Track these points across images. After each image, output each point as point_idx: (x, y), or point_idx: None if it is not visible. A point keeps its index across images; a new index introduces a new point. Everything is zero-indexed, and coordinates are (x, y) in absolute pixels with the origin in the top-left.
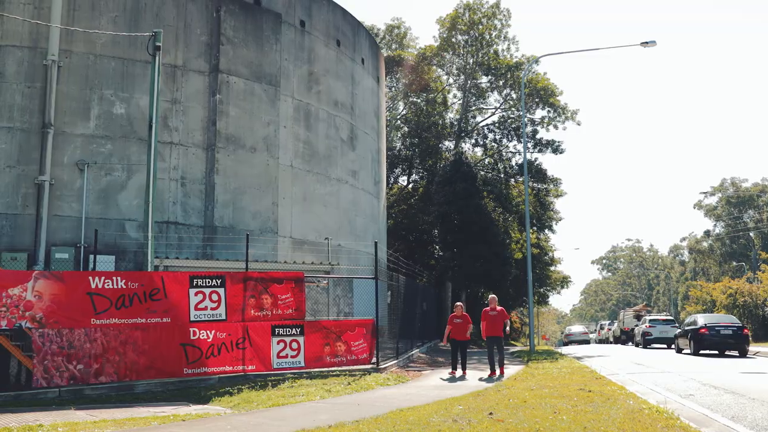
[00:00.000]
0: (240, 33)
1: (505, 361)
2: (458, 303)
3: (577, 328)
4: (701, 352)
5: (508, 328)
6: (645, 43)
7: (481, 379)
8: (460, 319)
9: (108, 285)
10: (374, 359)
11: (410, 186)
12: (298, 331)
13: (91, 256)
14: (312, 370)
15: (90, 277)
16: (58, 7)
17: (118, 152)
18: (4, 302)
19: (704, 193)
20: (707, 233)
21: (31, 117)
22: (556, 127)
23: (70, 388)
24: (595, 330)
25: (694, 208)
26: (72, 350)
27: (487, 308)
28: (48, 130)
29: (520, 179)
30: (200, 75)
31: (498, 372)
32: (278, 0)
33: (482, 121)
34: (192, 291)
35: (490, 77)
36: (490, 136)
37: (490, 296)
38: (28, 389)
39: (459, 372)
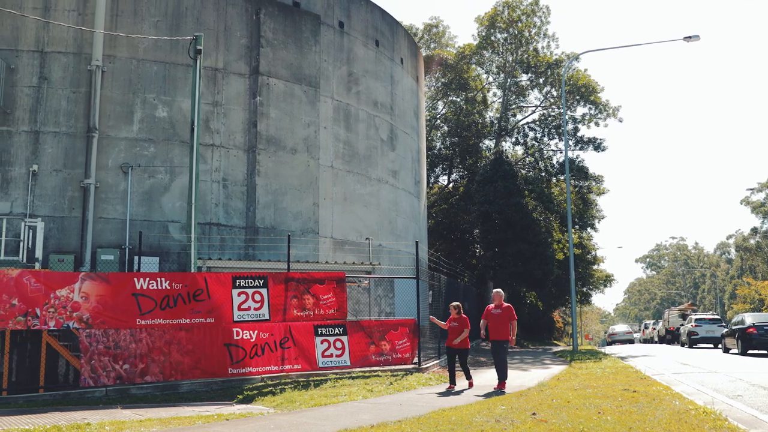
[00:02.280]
0: (279, 35)
1: (529, 366)
2: (454, 303)
3: (620, 328)
4: (749, 352)
5: (514, 334)
6: (688, 38)
7: (483, 394)
8: (456, 323)
9: (152, 286)
10: (416, 359)
11: (450, 185)
12: (341, 330)
13: (136, 258)
14: (354, 370)
15: (135, 279)
16: (102, 13)
17: (160, 155)
18: (53, 303)
19: (751, 189)
20: (755, 230)
21: (76, 122)
22: (597, 124)
23: (117, 387)
24: (640, 329)
25: (741, 204)
26: (118, 350)
27: (490, 305)
28: (93, 134)
29: (562, 177)
30: (241, 77)
31: (498, 384)
32: (317, 1)
33: (522, 119)
34: (235, 291)
35: (530, 75)
36: (531, 134)
37: (494, 291)
38: (76, 388)
39: (459, 385)
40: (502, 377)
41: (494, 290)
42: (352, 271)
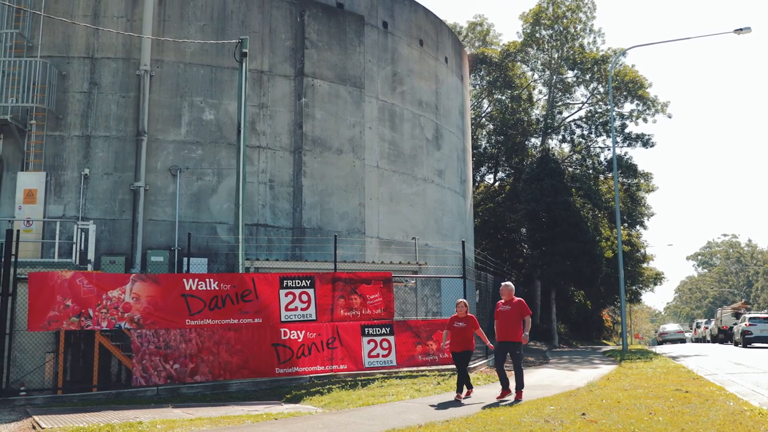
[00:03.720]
0: (324, 36)
1: (578, 366)
2: (461, 300)
3: (671, 327)
4: None
5: (527, 330)
6: (739, 30)
7: (484, 406)
8: (461, 323)
9: (201, 287)
10: None
11: (497, 184)
12: (387, 330)
13: (185, 259)
14: (400, 370)
15: (184, 279)
16: (149, 18)
17: (208, 157)
18: (105, 304)
19: None
20: None
21: (126, 126)
22: (645, 120)
23: (167, 386)
24: (691, 329)
25: None
26: (168, 350)
27: (500, 301)
28: (142, 137)
29: (610, 175)
30: (286, 79)
31: (513, 394)
32: (361, 2)
33: (569, 116)
34: (282, 292)
35: (576, 72)
36: (578, 131)
37: (502, 284)
38: (128, 387)
39: (464, 394)
40: (518, 384)
41: (503, 283)
42: (398, 271)
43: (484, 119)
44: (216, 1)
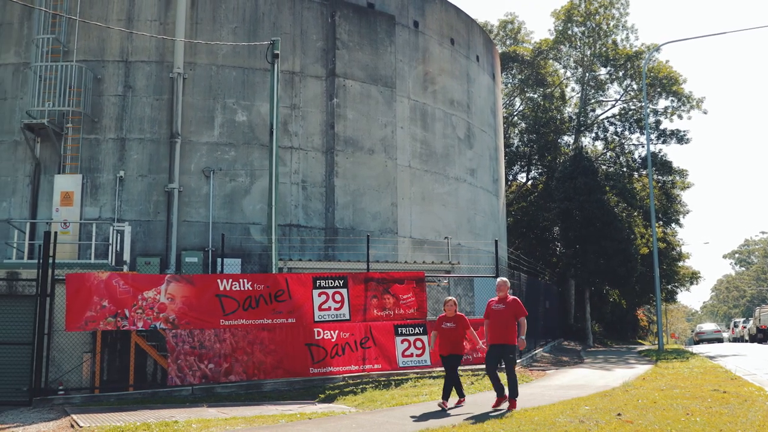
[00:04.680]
0: (355, 36)
1: (613, 366)
2: (449, 298)
3: (708, 326)
4: None
5: (523, 333)
6: None
7: (472, 417)
8: (451, 323)
9: (235, 287)
10: None
11: (529, 183)
12: (420, 330)
13: (219, 259)
14: (434, 369)
15: (218, 280)
16: (182, 21)
17: (241, 158)
18: (140, 305)
19: None
20: None
21: (159, 128)
22: (680, 116)
23: (202, 386)
24: (729, 328)
25: None
26: (203, 350)
27: (493, 299)
28: (175, 139)
29: (644, 172)
30: (317, 80)
31: (505, 403)
32: (391, 2)
33: (602, 114)
34: (315, 292)
35: (609, 68)
36: (611, 129)
37: (498, 279)
38: (163, 387)
39: (452, 402)
40: (511, 392)
41: (498, 279)
42: (431, 270)
43: (516, 118)
44: (247, 4)
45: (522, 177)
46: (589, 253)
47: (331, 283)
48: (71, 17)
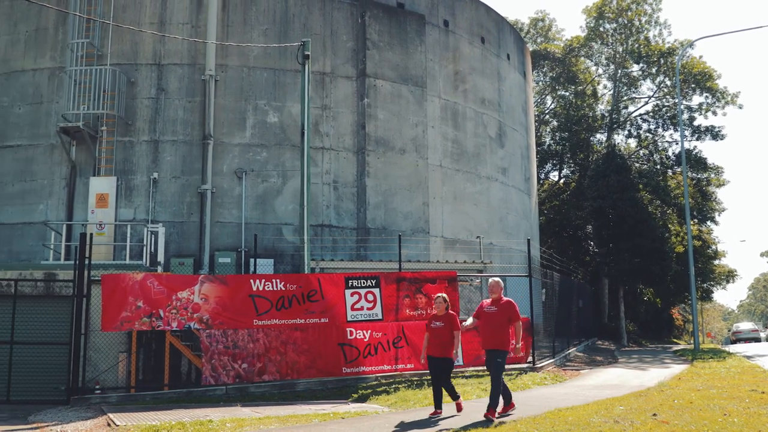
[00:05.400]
0: (385, 36)
1: (648, 365)
2: (439, 295)
3: (745, 325)
4: None
5: (519, 340)
6: None
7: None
8: (440, 322)
9: (268, 287)
10: (530, 358)
11: (561, 181)
12: None
13: (251, 260)
14: (467, 369)
15: (251, 280)
16: (213, 24)
17: (273, 159)
18: (174, 305)
19: None
20: None
21: (192, 130)
22: (714, 113)
23: (236, 386)
24: (766, 327)
25: None
26: (237, 350)
27: (485, 300)
28: (208, 141)
29: (678, 170)
30: (348, 80)
31: (513, 410)
32: (421, 1)
33: (635, 111)
34: (348, 292)
35: (641, 65)
36: (644, 126)
37: (490, 281)
38: (197, 386)
39: (447, 411)
40: (493, 403)
41: (491, 279)
42: (463, 270)
43: (547, 116)
44: (278, 5)
45: (554, 175)
46: (623, 251)
47: (364, 283)
48: (105, 21)
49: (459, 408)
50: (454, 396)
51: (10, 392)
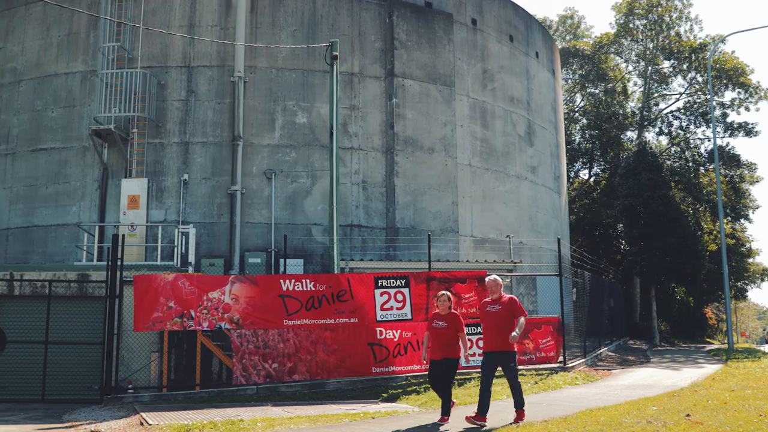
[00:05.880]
0: (413, 36)
1: (681, 365)
2: (443, 293)
3: None
4: None
5: (522, 330)
6: None
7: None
8: (442, 322)
9: (298, 287)
10: (561, 358)
11: (592, 180)
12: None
13: (281, 260)
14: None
15: (281, 280)
16: (242, 26)
17: (302, 160)
18: (205, 305)
19: None
20: None
21: (222, 131)
22: (747, 108)
23: (266, 385)
24: None
25: None
26: (267, 350)
27: (486, 300)
28: (237, 142)
29: (711, 167)
30: (376, 80)
31: (522, 413)
32: (449, 0)
33: (666, 108)
34: (377, 291)
35: (672, 61)
36: (676, 123)
37: (487, 279)
38: (228, 386)
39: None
40: (516, 402)
41: (488, 278)
42: (492, 269)
43: (577, 114)
44: (306, 7)
45: (584, 174)
46: (655, 250)
47: (393, 283)
48: (135, 25)
49: (444, 420)
50: (447, 405)
51: (45, 391)
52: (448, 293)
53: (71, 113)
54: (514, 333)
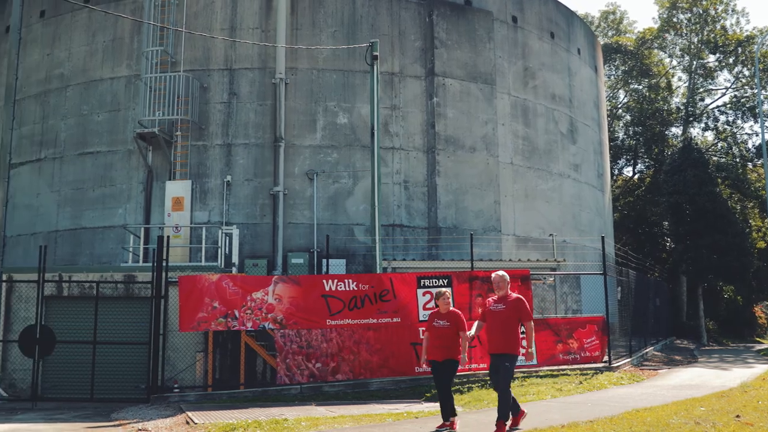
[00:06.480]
0: (453, 35)
1: (729, 365)
2: (442, 290)
3: None
4: None
5: (531, 339)
6: None
7: None
8: (443, 321)
9: (340, 287)
10: (606, 357)
11: (636, 177)
12: None
13: (324, 260)
14: (541, 369)
15: (324, 280)
16: (283, 28)
17: (343, 160)
18: (249, 305)
19: None
20: None
21: (264, 133)
22: None
23: (310, 385)
24: None
25: None
26: (310, 349)
27: (490, 298)
28: (279, 143)
29: (759, 162)
30: (416, 80)
31: (524, 419)
32: None
33: (711, 103)
34: (420, 291)
35: (718, 55)
36: (722, 118)
37: (493, 275)
38: (272, 385)
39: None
40: (502, 415)
41: (494, 273)
42: (535, 268)
43: (620, 110)
44: (346, 8)
45: (628, 171)
46: (701, 247)
47: (436, 282)
48: (178, 29)
49: (453, 425)
50: (450, 409)
51: (94, 391)
52: (448, 290)
53: (116, 117)
54: (531, 349)
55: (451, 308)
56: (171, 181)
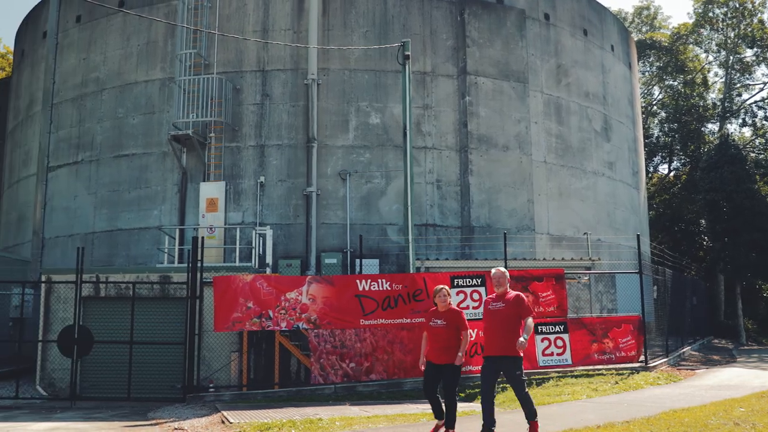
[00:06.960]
0: (485, 33)
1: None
2: (440, 287)
3: None
4: None
5: (529, 333)
6: None
7: None
8: (441, 320)
9: (374, 287)
10: (642, 357)
11: (671, 174)
12: (561, 328)
13: (357, 260)
14: (575, 368)
15: (357, 280)
16: (314, 29)
17: (375, 160)
18: (283, 305)
19: None
20: None
21: (296, 133)
22: None
23: (344, 384)
24: None
25: None
26: (344, 349)
27: (489, 297)
28: (312, 144)
29: None
30: (449, 79)
31: (536, 424)
32: None
33: (749, 98)
34: (453, 291)
35: (755, 50)
36: (760, 113)
37: (492, 270)
38: (307, 385)
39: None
40: (530, 415)
41: (494, 269)
42: (570, 267)
43: (655, 107)
44: (377, 8)
45: (663, 168)
46: (740, 245)
47: (469, 282)
48: (211, 32)
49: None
50: (452, 417)
51: (131, 390)
52: (446, 287)
53: (151, 120)
54: (521, 339)
55: (451, 306)
56: (205, 183)
